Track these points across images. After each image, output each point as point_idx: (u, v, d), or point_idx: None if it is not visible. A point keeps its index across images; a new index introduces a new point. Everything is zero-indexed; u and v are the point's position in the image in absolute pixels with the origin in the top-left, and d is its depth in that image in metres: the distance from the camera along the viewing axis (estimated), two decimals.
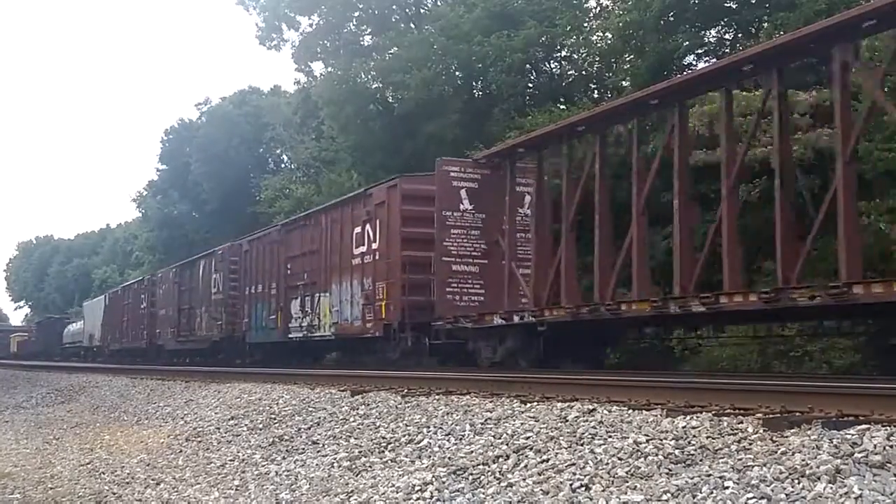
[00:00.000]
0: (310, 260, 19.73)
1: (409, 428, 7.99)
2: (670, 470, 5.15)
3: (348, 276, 17.74)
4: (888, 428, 4.90)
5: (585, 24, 24.23)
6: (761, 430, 5.39)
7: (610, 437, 6.03)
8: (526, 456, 6.12)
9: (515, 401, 7.96)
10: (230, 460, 9.19)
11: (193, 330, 27.90)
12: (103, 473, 9.87)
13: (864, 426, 5.00)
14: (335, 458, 7.79)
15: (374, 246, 16.76)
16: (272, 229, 23.26)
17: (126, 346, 37.17)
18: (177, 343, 29.71)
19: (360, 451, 7.78)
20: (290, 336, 20.68)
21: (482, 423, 7.37)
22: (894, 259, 12.57)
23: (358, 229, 17.52)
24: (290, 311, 20.61)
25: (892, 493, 4.13)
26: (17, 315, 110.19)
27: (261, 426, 10.55)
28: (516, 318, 13.76)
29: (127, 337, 37.18)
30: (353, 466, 7.41)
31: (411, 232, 15.79)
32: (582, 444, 6.04)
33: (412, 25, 30.49)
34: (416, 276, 15.62)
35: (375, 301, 16.45)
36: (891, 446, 4.62)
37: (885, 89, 11.06)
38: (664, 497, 4.71)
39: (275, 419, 10.65)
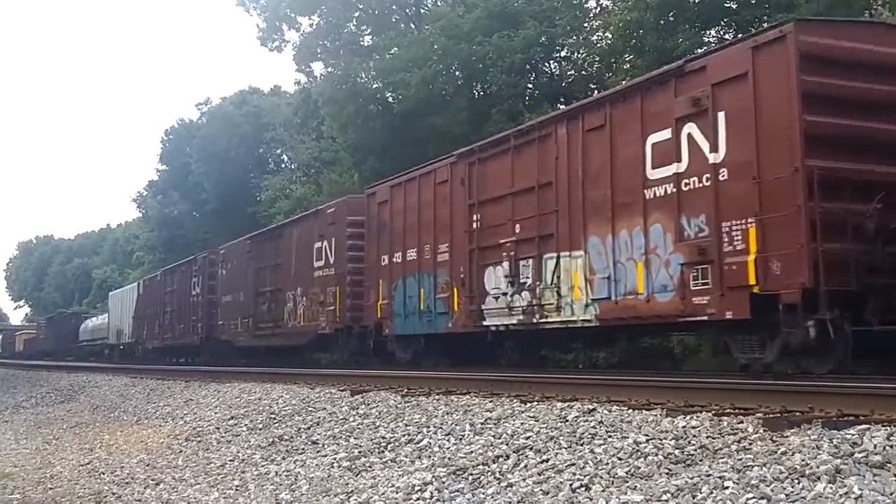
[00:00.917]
0: (530, 200, 12.51)
1: (408, 428, 7.99)
2: (670, 470, 5.15)
3: (636, 218, 10.69)
4: (888, 428, 4.90)
5: (585, 25, 24.25)
6: (761, 430, 5.39)
7: (610, 437, 6.03)
8: (526, 456, 6.12)
9: (515, 401, 7.97)
10: (230, 460, 9.19)
11: (281, 320, 20.86)
12: (103, 473, 9.86)
13: (864, 426, 5.01)
14: (335, 458, 7.79)
15: (715, 157, 9.65)
16: (435, 166, 15.31)
17: (170, 343, 30.32)
18: (254, 338, 22.67)
19: (359, 451, 7.77)
20: (483, 324, 13.49)
21: (482, 423, 7.37)
22: None
23: (661, 135, 10.38)
24: (482, 286, 13.49)
25: (892, 494, 4.13)
26: (17, 315, 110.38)
27: (260, 426, 10.55)
28: None
29: (171, 332, 30.13)
30: (353, 466, 7.41)
31: (828, 125, 8.83)
32: (582, 444, 6.04)
33: (412, 25, 30.52)
34: (836, 204, 8.69)
35: (724, 256, 9.41)
36: (891, 446, 4.62)
37: None
38: (664, 497, 4.71)
39: (274, 419, 10.65)
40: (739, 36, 12.04)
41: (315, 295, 19.03)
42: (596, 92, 23.39)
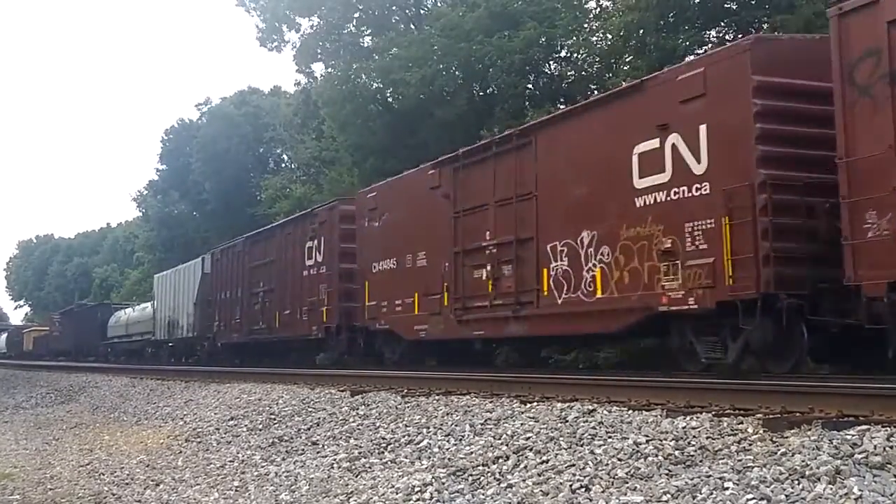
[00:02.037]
0: None
1: (408, 428, 7.98)
2: (670, 471, 5.14)
3: None
4: (888, 428, 4.90)
5: (585, 25, 24.25)
6: (761, 431, 5.39)
7: (610, 437, 6.03)
8: (526, 457, 6.11)
9: (515, 401, 7.96)
10: (230, 461, 9.18)
11: (532, 293, 12.60)
12: (103, 474, 9.85)
13: (864, 427, 5.00)
14: (335, 459, 7.78)
15: None
16: None
17: (264, 337, 22.05)
18: (459, 326, 14.18)
19: (359, 452, 7.77)
20: None
21: (482, 424, 7.36)
22: None
23: None
24: None
25: (892, 494, 4.13)
26: (18, 314, 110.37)
27: (260, 427, 10.54)
28: None
29: (264, 321, 21.75)
30: (353, 467, 7.40)
31: None
32: (582, 445, 6.03)
33: (412, 26, 30.54)
34: None
35: None
36: (891, 447, 4.61)
37: None
38: (664, 498, 4.71)
39: (274, 419, 10.65)
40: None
41: (634, 243, 10.72)
42: (596, 93, 23.35)
